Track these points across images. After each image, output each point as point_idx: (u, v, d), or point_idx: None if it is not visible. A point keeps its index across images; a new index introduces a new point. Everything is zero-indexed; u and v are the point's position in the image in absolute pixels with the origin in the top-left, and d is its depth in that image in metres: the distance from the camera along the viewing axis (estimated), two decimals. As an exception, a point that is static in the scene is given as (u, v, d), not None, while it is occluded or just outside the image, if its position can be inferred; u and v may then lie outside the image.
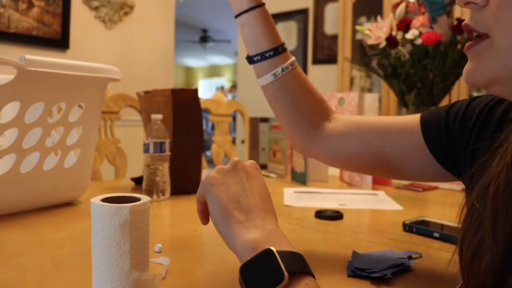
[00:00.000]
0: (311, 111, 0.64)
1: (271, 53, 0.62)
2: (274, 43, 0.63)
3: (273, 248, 0.37)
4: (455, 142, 0.53)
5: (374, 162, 0.60)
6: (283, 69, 0.62)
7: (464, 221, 0.41)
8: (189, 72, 10.29)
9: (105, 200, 0.44)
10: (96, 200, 0.43)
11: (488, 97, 0.51)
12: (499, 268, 0.35)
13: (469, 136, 0.51)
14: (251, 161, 0.48)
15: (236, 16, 0.63)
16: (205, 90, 9.92)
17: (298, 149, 0.68)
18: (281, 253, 0.37)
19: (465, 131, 0.51)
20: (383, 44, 1.31)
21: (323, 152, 0.64)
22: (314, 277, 0.38)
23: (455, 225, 0.71)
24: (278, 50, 0.62)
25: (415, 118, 0.58)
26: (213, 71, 10.01)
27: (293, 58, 0.64)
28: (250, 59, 0.64)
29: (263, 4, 0.63)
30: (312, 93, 0.64)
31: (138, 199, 0.44)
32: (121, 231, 0.41)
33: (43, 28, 2.32)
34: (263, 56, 0.62)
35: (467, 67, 0.39)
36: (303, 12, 3.37)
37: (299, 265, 0.38)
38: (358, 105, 1.76)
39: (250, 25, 0.62)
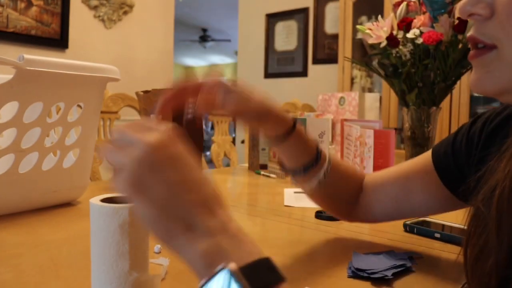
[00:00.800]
0: (351, 195, 0.66)
1: (313, 163, 0.60)
2: (313, 152, 0.60)
3: (232, 267, 0.30)
4: (464, 166, 0.54)
5: (407, 210, 0.62)
6: (325, 173, 0.61)
7: (470, 223, 0.41)
8: (188, 71, 10.29)
9: (104, 200, 0.43)
10: (95, 200, 0.43)
11: (489, 110, 0.51)
12: (504, 269, 0.35)
13: (476, 151, 0.52)
14: (163, 128, 0.36)
15: (277, 143, 0.59)
16: (205, 89, 9.90)
17: (338, 217, 0.71)
18: (243, 270, 0.31)
19: (472, 149, 0.53)
20: (383, 43, 1.30)
21: (363, 218, 0.67)
22: (285, 280, 0.32)
23: (456, 225, 0.72)
24: (318, 157, 0.60)
25: (428, 155, 0.59)
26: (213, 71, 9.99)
27: (328, 156, 0.62)
28: (291, 172, 0.61)
29: (295, 122, 0.59)
30: (350, 177, 0.66)
31: None
32: (120, 232, 0.40)
33: (42, 27, 2.31)
34: (306, 169, 0.60)
35: (475, 76, 0.38)
36: (304, 11, 3.37)
37: (266, 277, 0.32)
38: (359, 105, 1.76)
39: (290, 144, 0.59)
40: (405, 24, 1.30)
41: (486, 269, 0.37)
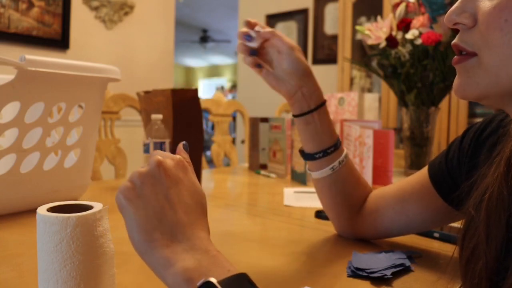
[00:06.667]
0: (357, 198, 0.67)
1: (332, 149, 0.64)
2: (334, 138, 0.65)
3: (213, 280, 0.32)
4: (457, 175, 0.55)
5: (402, 222, 0.62)
6: (340, 163, 0.64)
7: (463, 226, 0.42)
8: (189, 72, 10.29)
9: (55, 208, 0.39)
10: (42, 209, 0.38)
11: (481, 120, 0.53)
12: (493, 272, 0.37)
13: (466, 159, 0.53)
14: (178, 157, 0.41)
15: (302, 115, 0.63)
16: (205, 90, 9.92)
17: (342, 233, 0.70)
18: (223, 283, 0.32)
19: (463, 158, 0.53)
20: (383, 44, 1.31)
21: (365, 231, 0.67)
22: None
23: (455, 224, 0.72)
24: (337, 145, 0.65)
25: (424, 170, 0.61)
26: (213, 71, 10.01)
27: (345, 150, 0.66)
28: (309, 156, 0.65)
29: (325, 101, 0.65)
30: (359, 180, 0.68)
31: (90, 207, 0.39)
32: (67, 245, 0.36)
33: (43, 28, 2.32)
34: (325, 153, 0.64)
35: (457, 81, 0.40)
36: (303, 12, 3.37)
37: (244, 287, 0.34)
38: (358, 105, 1.76)
39: (315, 123, 0.63)
40: (404, 25, 1.30)
41: (477, 270, 0.38)
